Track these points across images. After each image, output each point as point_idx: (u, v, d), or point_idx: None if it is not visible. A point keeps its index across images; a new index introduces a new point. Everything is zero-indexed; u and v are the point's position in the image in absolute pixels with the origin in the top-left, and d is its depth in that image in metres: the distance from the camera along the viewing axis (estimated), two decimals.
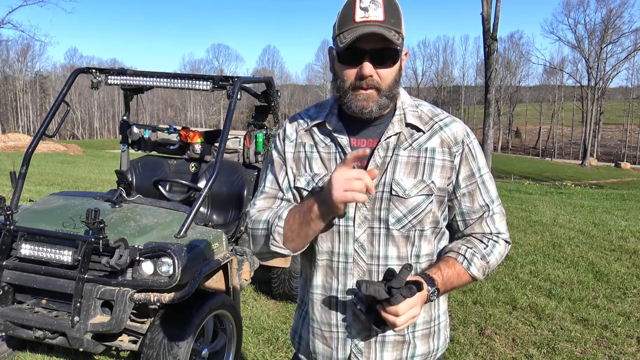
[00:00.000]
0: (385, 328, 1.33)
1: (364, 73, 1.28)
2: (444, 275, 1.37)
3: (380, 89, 1.32)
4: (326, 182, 1.29)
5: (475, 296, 4.88)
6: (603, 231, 7.76)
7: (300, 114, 1.53)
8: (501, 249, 1.46)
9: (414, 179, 1.37)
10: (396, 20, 1.28)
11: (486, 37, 17.65)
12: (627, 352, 3.84)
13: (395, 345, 1.42)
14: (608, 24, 51.74)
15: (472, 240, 1.45)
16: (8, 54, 65.74)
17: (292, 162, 1.46)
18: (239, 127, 41.40)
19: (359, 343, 1.41)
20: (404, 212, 1.37)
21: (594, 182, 28.24)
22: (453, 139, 1.41)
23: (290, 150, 1.47)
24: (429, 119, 1.43)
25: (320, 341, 1.47)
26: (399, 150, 1.38)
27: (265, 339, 3.94)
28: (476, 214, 1.44)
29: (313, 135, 1.46)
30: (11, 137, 27.97)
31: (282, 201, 1.45)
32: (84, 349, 2.83)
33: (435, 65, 75.29)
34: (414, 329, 1.43)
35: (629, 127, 63.08)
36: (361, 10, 1.27)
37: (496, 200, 1.46)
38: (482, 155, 1.46)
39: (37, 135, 3.75)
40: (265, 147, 4.53)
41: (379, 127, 1.41)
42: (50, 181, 12.21)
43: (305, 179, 1.42)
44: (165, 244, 2.85)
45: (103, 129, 76.42)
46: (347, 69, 1.32)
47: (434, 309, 1.47)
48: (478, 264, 1.41)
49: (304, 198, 1.40)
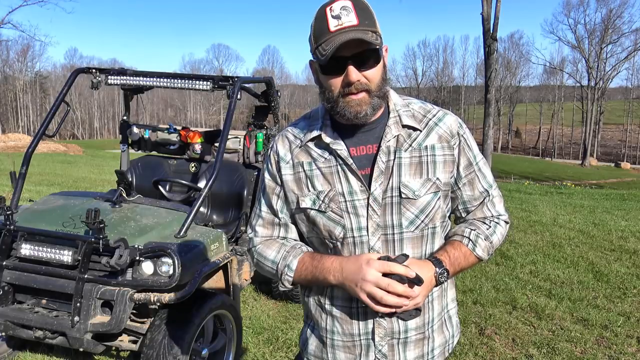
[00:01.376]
0: (406, 316, 1.34)
1: (351, 79, 1.28)
2: (451, 256, 1.39)
3: (370, 90, 1.32)
4: (355, 274, 1.28)
5: (475, 296, 4.88)
6: (603, 231, 7.76)
7: (289, 129, 1.50)
8: (502, 230, 1.50)
9: (420, 178, 1.37)
10: (370, 21, 1.28)
11: (486, 37, 17.65)
12: (627, 352, 3.84)
13: (417, 343, 1.43)
14: (608, 24, 51.72)
15: (475, 222, 1.48)
16: (8, 54, 65.81)
17: (293, 184, 1.43)
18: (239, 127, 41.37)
19: (382, 348, 1.41)
20: (415, 212, 1.37)
21: (594, 182, 28.25)
22: (449, 133, 1.42)
23: (289, 172, 1.44)
24: (422, 116, 1.43)
25: (342, 352, 1.46)
26: (400, 152, 1.38)
27: (265, 339, 3.94)
28: (477, 200, 1.48)
29: (310, 152, 1.43)
30: (11, 137, 27.97)
31: (281, 228, 1.49)
32: (84, 349, 2.83)
33: (435, 65, 75.31)
34: (432, 324, 1.45)
35: (629, 127, 63.06)
36: (334, 19, 1.26)
37: (493, 184, 1.51)
38: (474, 142, 1.49)
39: (37, 135, 3.75)
40: (265, 147, 4.53)
41: (374, 131, 1.40)
42: (50, 181, 12.20)
43: (310, 199, 1.40)
44: (165, 244, 2.85)
45: (103, 129, 76.42)
46: (332, 78, 1.31)
47: (444, 298, 1.49)
48: (482, 245, 1.44)
49: (319, 262, 1.37)
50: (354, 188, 1.37)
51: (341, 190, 1.37)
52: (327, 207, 1.38)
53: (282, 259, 1.42)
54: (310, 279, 1.39)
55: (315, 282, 1.40)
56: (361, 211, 1.36)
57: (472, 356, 3.73)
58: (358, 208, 1.37)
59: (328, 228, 1.39)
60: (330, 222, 1.38)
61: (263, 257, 1.47)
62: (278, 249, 1.45)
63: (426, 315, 1.44)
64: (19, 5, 39.60)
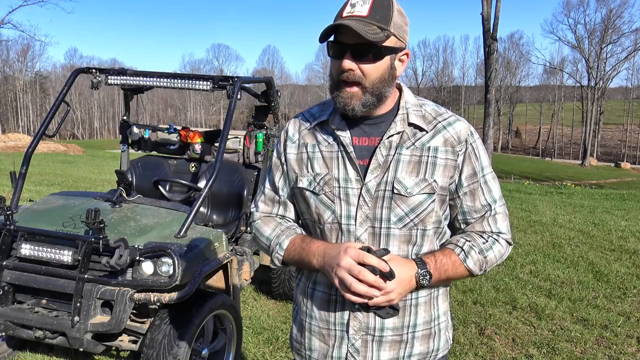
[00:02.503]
0: (383, 313, 1.33)
1: (344, 66, 1.31)
2: (438, 261, 1.37)
3: (364, 85, 1.32)
4: (333, 259, 1.31)
5: (475, 296, 4.88)
6: (603, 231, 7.76)
7: (303, 113, 1.55)
8: (501, 248, 1.44)
9: (416, 177, 1.37)
10: (382, 17, 1.29)
11: (486, 37, 17.64)
12: (627, 352, 3.84)
13: (392, 344, 1.42)
14: (608, 24, 51.69)
15: (472, 235, 1.44)
16: (8, 54, 65.77)
17: (295, 163, 1.48)
18: (239, 127, 41.38)
19: (355, 342, 1.41)
20: (405, 210, 1.37)
21: (594, 182, 28.24)
22: (456, 138, 1.40)
23: (293, 151, 1.49)
24: (432, 118, 1.43)
25: (317, 338, 1.47)
26: (401, 149, 1.38)
27: (265, 339, 3.94)
28: (477, 213, 1.44)
29: (316, 135, 1.47)
30: (11, 137, 27.95)
31: (280, 205, 1.55)
32: (84, 349, 2.83)
33: (435, 65, 75.25)
34: (414, 330, 1.43)
35: (629, 127, 63.04)
36: (350, 7, 1.31)
37: (499, 201, 1.45)
38: (485, 155, 1.45)
39: (37, 135, 3.75)
40: (265, 147, 4.53)
41: (380, 125, 1.41)
42: (50, 181, 12.20)
43: (307, 179, 1.44)
44: (165, 244, 2.85)
45: (103, 129, 76.40)
46: (334, 63, 1.35)
47: (433, 309, 1.46)
48: (475, 258, 1.39)
49: (307, 245, 1.41)
50: (349, 176, 1.39)
51: (337, 175, 1.40)
52: (321, 189, 1.41)
53: (275, 237, 1.47)
54: (298, 259, 1.43)
55: (301, 263, 1.43)
56: (352, 200, 1.38)
57: (472, 356, 3.73)
58: (350, 196, 1.39)
59: (318, 211, 1.43)
60: (321, 204, 1.42)
61: (259, 233, 1.53)
62: (274, 227, 1.50)
63: (407, 318, 1.41)
64: (19, 5, 39.51)
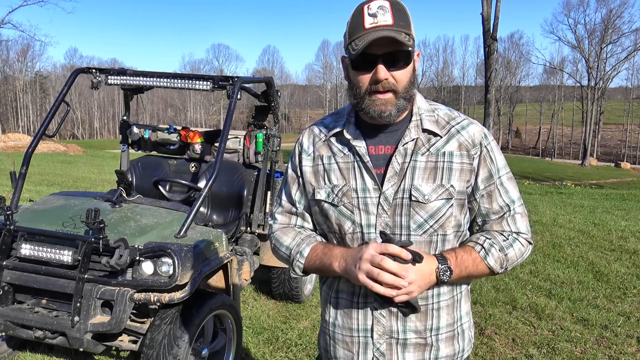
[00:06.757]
0: (405, 310, 1.33)
1: (379, 77, 1.30)
2: (458, 257, 1.37)
3: (397, 91, 1.33)
4: (355, 257, 1.30)
5: (475, 296, 4.88)
6: (603, 231, 7.76)
7: (317, 124, 1.55)
8: (521, 247, 1.44)
9: (433, 183, 1.37)
10: (405, 23, 1.30)
11: (486, 37, 17.63)
12: (627, 352, 3.84)
13: (416, 347, 1.42)
14: (608, 24, 51.64)
15: (492, 233, 1.44)
16: (8, 54, 65.71)
17: (311, 175, 1.48)
18: (239, 127, 41.38)
19: (380, 346, 1.41)
20: (424, 217, 1.37)
21: (594, 182, 28.21)
22: (471, 142, 1.41)
23: (309, 164, 1.50)
24: (445, 122, 1.43)
25: (341, 346, 1.48)
26: (416, 156, 1.39)
27: (265, 339, 3.94)
28: (496, 214, 1.44)
29: (331, 146, 1.47)
30: (11, 137, 27.93)
31: (298, 217, 1.56)
32: (84, 349, 2.83)
33: (435, 65, 75.32)
34: (437, 332, 1.43)
35: (629, 127, 63.03)
36: (370, 17, 1.29)
37: (517, 201, 1.45)
38: (501, 156, 1.45)
39: (37, 135, 3.75)
40: (265, 147, 4.53)
41: (395, 133, 1.41)
42: (50, 181, 12.20)
43: (325, 191, 1.45)
44: (165, 244, 2.85)
45: (103, 129, 76.37)
46: (361, 74, 1.33)
47: (456, 310, 1.47)
48: (496, 255, 1.40)
49: (329, 250, 1.42)
50: (367, 185, 1.40)
51: (355, 186, 1.41)
52: (339, 201, 1.42)
53: (296, 246, 1.48)
54: (319, 265, 1.42)
55: (322, 269, 1.43)
56: (372, 209, 1.39)
57: (472, 356, 3.73)
58: (369, 205, 1.39)
59: (339, 222, 1.43)
60: (341, 216, 1.42)
61: (279, 243, 1.53)
62: (293, 237, 1.51)
63: (429, 321, 1.42)
64: (19, 5, 39.66)
